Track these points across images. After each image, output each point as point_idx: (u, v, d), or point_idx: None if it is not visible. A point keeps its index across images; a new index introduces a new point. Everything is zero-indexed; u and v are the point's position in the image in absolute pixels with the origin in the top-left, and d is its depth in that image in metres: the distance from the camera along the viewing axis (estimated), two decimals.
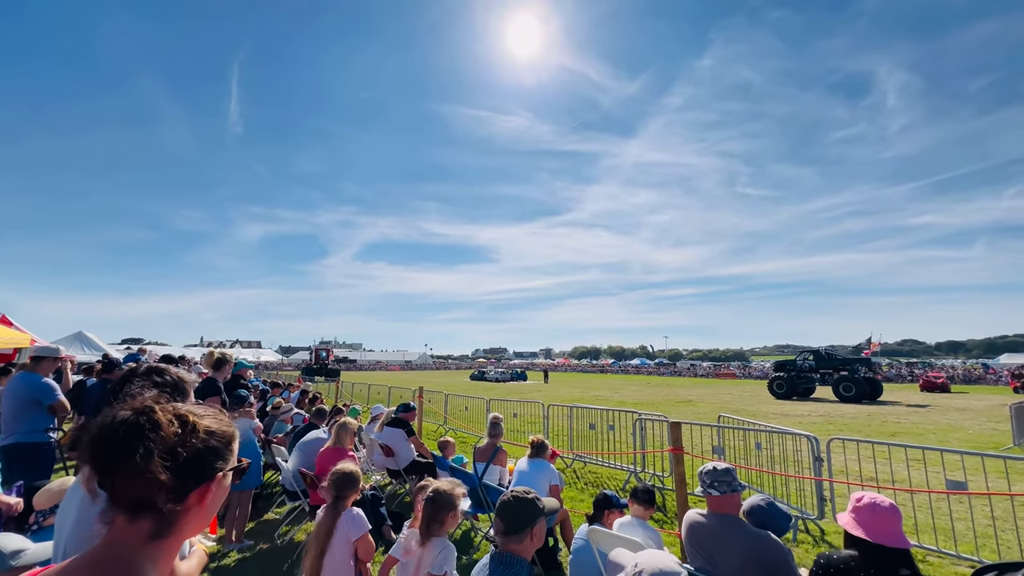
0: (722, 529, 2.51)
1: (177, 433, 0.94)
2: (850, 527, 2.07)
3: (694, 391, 31.89)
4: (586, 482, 7.78)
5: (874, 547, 1.99)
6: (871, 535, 2.00)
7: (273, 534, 5.10)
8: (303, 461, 4.99)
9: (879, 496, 2.12)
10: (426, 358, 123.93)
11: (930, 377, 35.13)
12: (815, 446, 5.62)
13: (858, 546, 2.04)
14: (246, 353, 79.83)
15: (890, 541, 1.97)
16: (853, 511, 2.13)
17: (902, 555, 1.97)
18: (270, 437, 6.84)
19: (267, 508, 5.96)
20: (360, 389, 20.60)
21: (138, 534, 0.89)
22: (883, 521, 2.03)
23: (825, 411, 19.34)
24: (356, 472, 2.75)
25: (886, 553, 1.97)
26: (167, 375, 1.57)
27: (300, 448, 5.16)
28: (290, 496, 5.20)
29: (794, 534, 5.34)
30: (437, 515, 2.56)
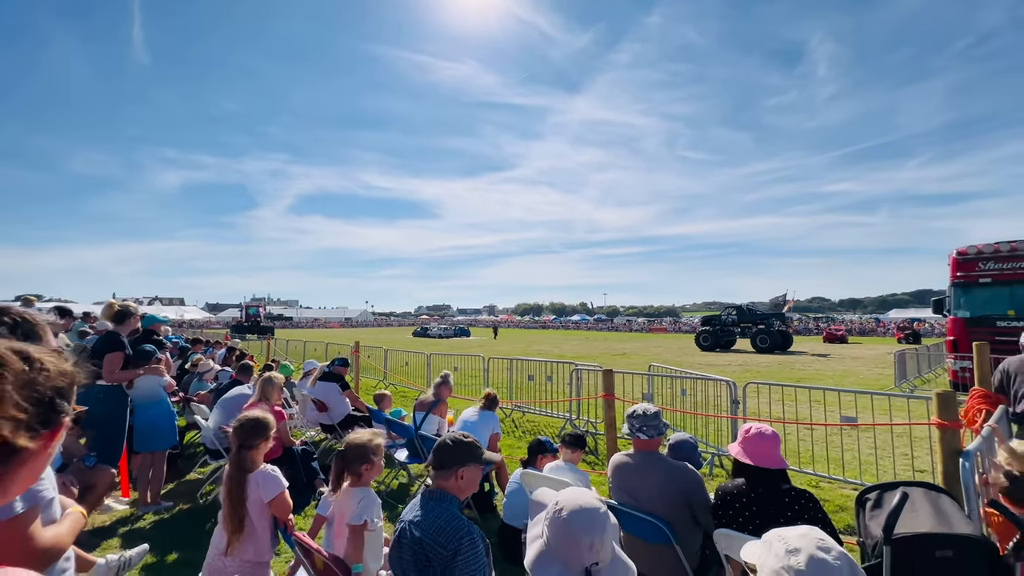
0: (644, 464, 2.64)
1: (24, 369, 0.84)
2: (739, 456, 2.37)
3: (629, 345, 33.67)
4: (524, 431, 8.03)
5: (759, 470, 2.30)
6: (755, 460, 2.30)
7: (196, 494, 4.84)
8: (225, 418, 4.69)
9: (763, 425, 2.43)
10: (367, 315, 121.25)
11: (832, 330, 39.61)
12: (733, 390, 6.08)
13: (745, 472, 2.36)
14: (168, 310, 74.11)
15: (771, 463, 2.30)
16: (742, 442, 2.42)
17: (781, 474, 2.34)
18: (189, 395, 6.39)
19: (189, 469, 5.63)
20: (295, 346, 19.80)
21: None
22: (766, 447, 2.34)
23: (743, 361, 21.14)
24: (262, 418, 2.58)
25: (769, 474, 2.30)
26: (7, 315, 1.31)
27: (221, 405, 4.84)
28: (212, 455, 4.93)
29: (711, 469, 5.84)
30: (352, 465, 2.49)
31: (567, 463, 3.54)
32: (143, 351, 4.43)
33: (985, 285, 11.48)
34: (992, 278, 11.39)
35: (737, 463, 2.40)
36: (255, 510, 2.43)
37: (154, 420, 4.53)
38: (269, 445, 2.62)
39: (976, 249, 11.63)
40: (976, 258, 11.61)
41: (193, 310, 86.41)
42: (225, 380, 6.82)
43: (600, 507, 1.43)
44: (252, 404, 4.39)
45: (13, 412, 0.79)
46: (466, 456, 2.00)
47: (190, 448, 6.44)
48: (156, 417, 4.55)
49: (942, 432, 2.67)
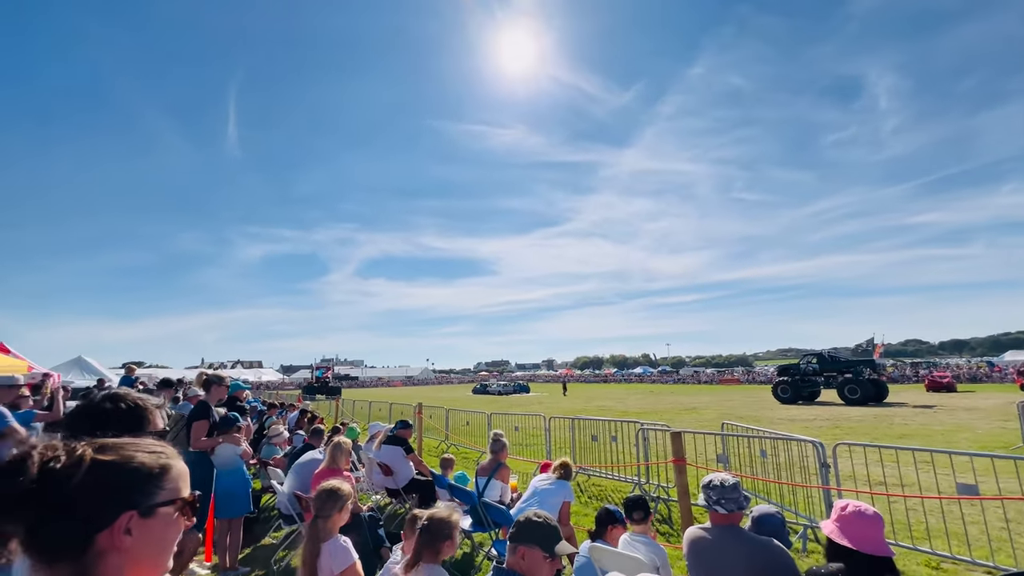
0: (723, 540, 2.43)
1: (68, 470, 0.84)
2: (835, 536, 2.09)
3: (698, 398, 31.64)
4: (590, 495, 7.64)
5: (858, 555, 2.01)
6: (856, 543, 2.02)
7: (270, 560, 4.98)
8: (298, 483, 4.89)
9: (862, 504, 2.14)
10: (428, 373, 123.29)
11: (935, 377, 34.90)
12: (821, 452, 5.52)
13: (843, 555, 2.06)
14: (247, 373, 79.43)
15: (875, 548, 2.00)
16: (837, 519, 2.14)
17: (886, 562, 2.01)
18: (265, 460, 6.72)
19: (264, 533, 5.83)
20: (361, 406, 20.42)
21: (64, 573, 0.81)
22: (867, 529, 2.04)
23: (831, 415, 19.14)
24: (339, 489, 2.66)
25: (870, 561, 1.99)
26: (123, 401, 1.50)
27: (295, 470, 5.05)
28: (286, 520, 5.09)
29: (804, 543, 5.21)
30: (432, 544, 2.47)
31: (641, 536, 3.31)
32: (227, 419, 4.78)
33: None
34: None
35: (833, 544, 2.12)
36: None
37: (231, 487, 4.74)
38: (345, 515, 2.69)
39: None
40: None
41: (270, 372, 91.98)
42: (299, 443, 7.15)
43: None
44: (323, 469, 4.56)
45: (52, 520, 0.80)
46: (528, 536, 1.95)
47: (266, 511, 6.69)
48: (233, 484, 4.77)
49: None
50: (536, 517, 2.01)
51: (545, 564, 1.94)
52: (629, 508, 3.36)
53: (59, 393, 6.00)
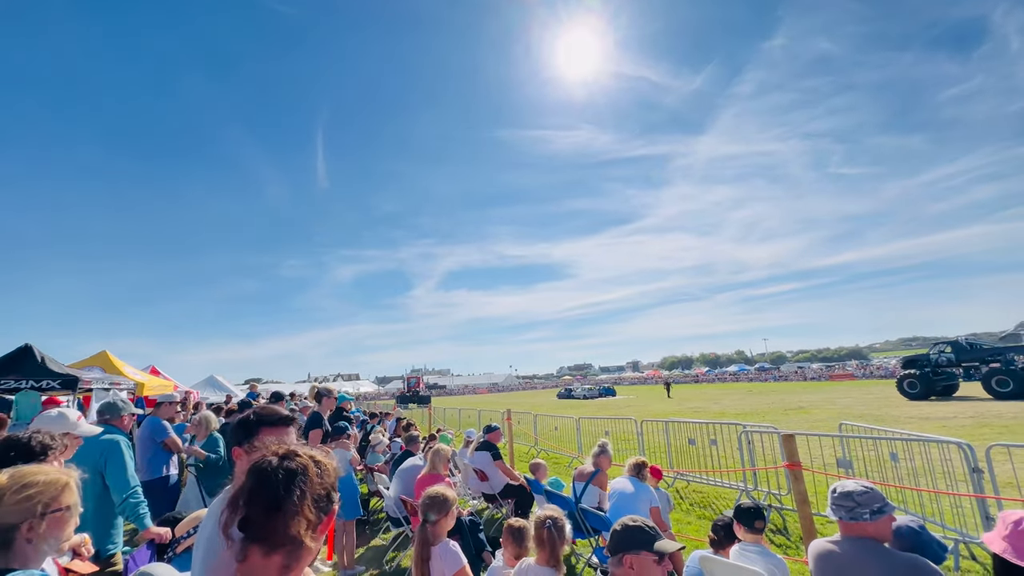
0: (858, 556, 2.16)
1: (318, 474, 1.07)
2: (1007, 555, 1.69)
3: (806, 397, 28.81)
4: (691, 502, 7.24)
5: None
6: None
7: (381, 560, 5.31)
8: (402, 488, 5.17)
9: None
10: (512, 379, 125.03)
11: None
12: (970, 454, 4.77)
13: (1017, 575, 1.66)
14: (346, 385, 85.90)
15: None
16: (1009, 536, 1.73)
17: None
18: (370, 466, 7.20)
19: (374, 534, 6.23)
20: (451, 414, 21.19)
21: (272, 568, 0.99)
22: None
23: (976, 411, 16.47)
24: (443, 495, 2.77)
25: None
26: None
27: (399, 475, 5.36)
28: (394, 523, 5.40)
29: (956, 560, 4.52)
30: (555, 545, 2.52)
31: (756, 545, 3.06)
32: (338, 428, 5.20)
33: None
34: None
35: (1003, 562, 1.79)
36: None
37: (343, 492, 5.17)
38: (452, 520, 2.80)
39: None
40: None
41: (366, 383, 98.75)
42: (397, 450, 7.58)
43: None
44: (424, 475, 4.78)
45: (308, 515, 1.01)
46: (631, 542, 1.87)
47: (374, 514, 7.15)
48: (344, 488, 5.19)
49: None
50: (632, 522, 1.94)
51: (656, 569, 1.86)
52: (744, 516, 3.08)
53: (202, 408, 6.91)
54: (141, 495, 3.25)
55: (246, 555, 0.99)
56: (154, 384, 10.48)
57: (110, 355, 9.55)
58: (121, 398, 3.87)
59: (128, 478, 3.24)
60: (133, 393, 8.78)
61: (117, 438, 3.34)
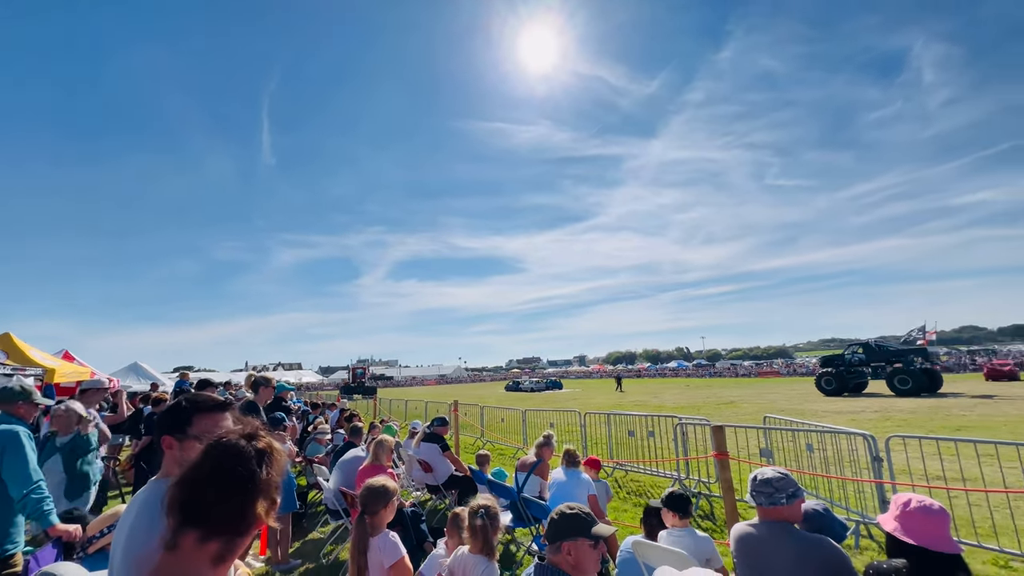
0: (773, 537, 2.36)
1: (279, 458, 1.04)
2: (897, 533, 1.97)
3: (736, 392, 30.77)
4: (628, 491, 7.57)
5: (924, 553, 1.89)
6: (921, 540, 1.90)
7: (318, 553, 5.17)
8: (343, 480, 5.05)
9: (927, 499, 2.00)
10: (461, 371, 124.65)
11: (996, 365, 32.72)
12: (872, 445, 5.28)
13: (906, 552, 1.94)
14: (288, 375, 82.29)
15: (941, 545, 1.88)
16: (899, 516, 2.01)
17: (955, 560, 1.87)
18: (309, 458, 6.97)
19: (312, 528, 6.05)
20: (397, 405, 20.87)
21: (204, 558, 0.93)
22: (933, 525, 1.92)
23: (881, 406, 18.27)
24: (384, 486, 2.73)
25: (938, 559, 1.87)
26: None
27: (339, 467, 5.23)
28: (333, 515, 5.27)
29: (856, 540, 5.01)
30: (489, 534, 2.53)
31: (682, 529, 3.25)
32: (274, 419, 4.99)
33: None
34: None
35: (894, 540, 2.00)
36: (375, 573, 2.56)
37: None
38: (392, 511, 2.77)
39: None
40: None
41: (309, 373, 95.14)
42: (340, 441, 7.38)
43: None
44: (367, 466, 4.70)
45: (275, 495, 0.99)
46: (570, 529, 1.92)
47: (312, 507, 6.94)
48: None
49: None
50: (569, 510, 1.98)
51: (592, 553, 1.93)
52: (673, 504, 3.26)
53: (122, 397, 6.39)
54: (45, 490, 2.97)
55: (177, 542, 0.92)
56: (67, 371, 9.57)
57: (14, 337, 8.60)
58: (23, 383, 3.46)
59: (30, 472, 2.94)
60: (41, 380, 7.97)
61: (15, 428, 3.02)
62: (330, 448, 7.24)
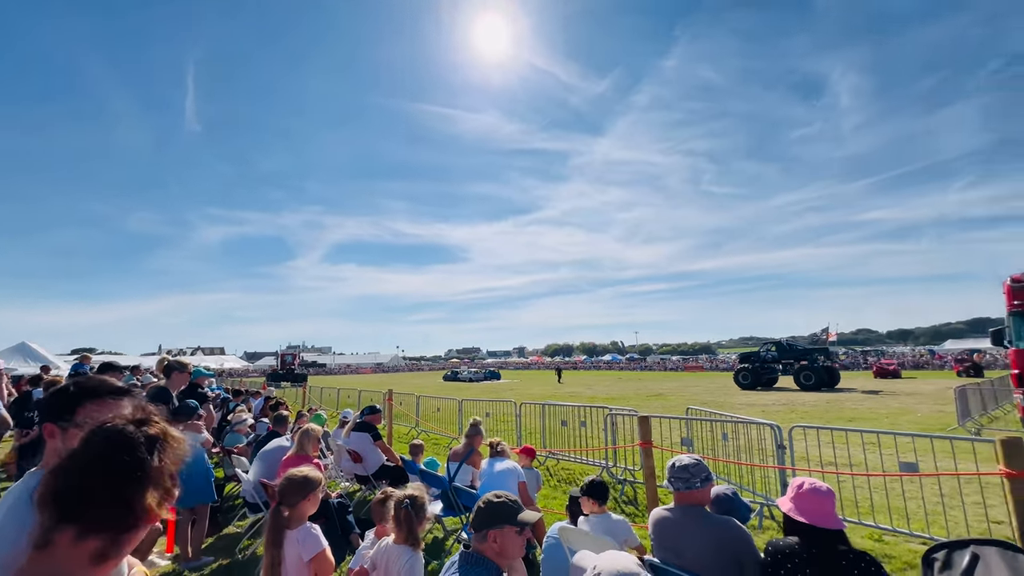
0: (686, 520, 2.53)
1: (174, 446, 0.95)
2: (791, 513, 2.22)
3: (664, 385, 32.58)
4: (559, 479, 7.80)
5: (814, 529, 2.15)
6: (811, 519, 2.15)
7: (234, 549, 4.88)
8: (264, 471, 4.79)
9: (817, 481, 2.27)
10: (398, 360, 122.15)
11: (883, 364, 37.20)
12: (778, 434, 5.79)
13: (799, 530, 2.20)
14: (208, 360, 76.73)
15: (828, 523, 2.14)
16: (794, 497, 2.27)
17: (839, 535, 2.16)
18: (228, 448, 6.55)
19: (228, 522, 5.69)
20: (329, 394, 20.10)
21: (82, 557, 0.83)
22: (821, 504, 2.19)
23: (787, 400, 20.08)
24: (306, 476, 2.61)
25: (824, 534, 2.14)
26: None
27: (261, 457, 4.95)
28: (251, 508, 4.99)
29: (760, 520, 5.48)
30: (412, 523, 2.48)
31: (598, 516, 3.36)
32: (186, 407, 4.61)
33: None
34: None
35: (789, 519, 2.26)
36: (294, 569, 2.45)
37: (190, 477, 4.51)
38: (314, 503, 2.65)
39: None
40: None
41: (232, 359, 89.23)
42: (263, 430, 6.99)
43: (639, 572, 1.40)
44: (290, 456, 4.48)
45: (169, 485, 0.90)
46: (497, 517, 1.93)
47: (229, 501, 6.54)
48: (192, 474, 4.52)
49: (1012, 483, 2.47)
50: (496, 498, 2.00)
51: (518, 539, 1.95)
52: (589, 492, 3.35)
53: (1, 380, 5.65)
54: None
55: (50, 539, 0.81)
56: None
57: None
58: None
59: None
60: None
61: None
62: (252, 438, 6.83)
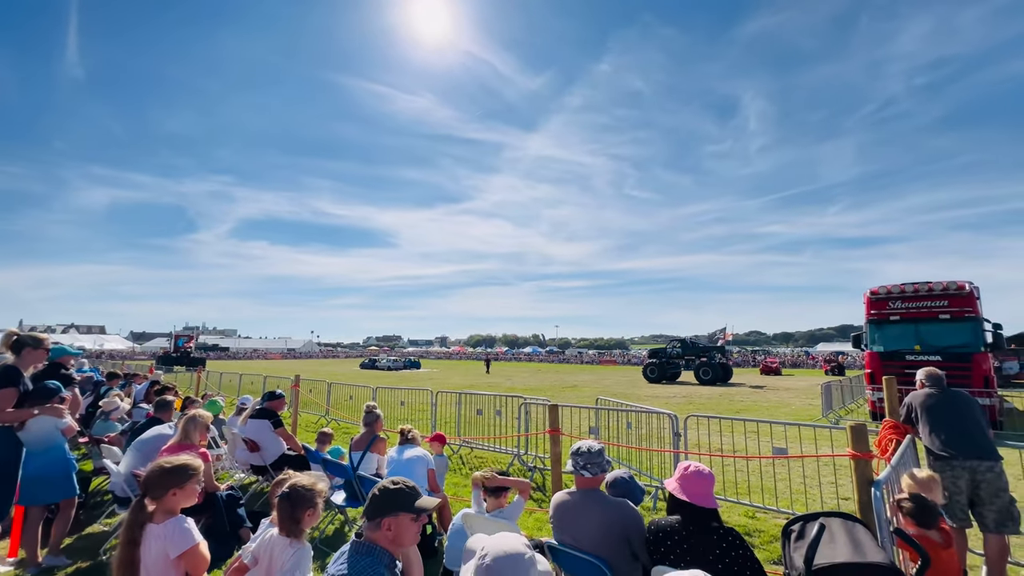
0: (584, 502, 2.64)
1: None
2: (676, 492, 2.42)
3: (579, 377, 34.06)
4: (471, 467, 7.83)
5: (692, 508, 2.34)
6: (691, 498, 2.35)
7: (99, 550, 4.32)
8: (139, 461, 4.26)
9: (700, 464, 2.49)
10: (312, 346, 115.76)
11: (767, 363, 42.01)
12: (675, 423, 6.26)
13: (680, 508, 2.40)
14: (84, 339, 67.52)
15: (704, 502, 2.35)
16: (680, 478, 2.46)
17: (713, 513, 2.37)
18: (97, 437, 5.78)
19: (94, 520, 5.04)
20: (230, 379, 18.54)
21: None
22: (702, 485, 2.39)
23: (687, 393, 21.87)
24: (180, 465, 2.35)
25: (701, 512, 2.33)
26: None
27: (136, 447, 4.40)
28: (121, 504, 4.44)
29: (654, 503, 5.90)
30: (293, 513, 2.31)
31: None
32: (45, 388, 3.99)
33: (895, 322, 12.68)
34: (900, 316, 12.61)
35: (673, 499, 2.44)
36: (159, 567, 2.20)
37: (44, 469, 3.95)
38: (188, 494, 2.39)
39: (886, 289, 12.88)
40: (887, 297, 12.84)
41: (115, 339, 79.25)
42: (141, 418, 6.24)
43: (525, 552, 1.41)
44: (172, 445, 4.05)
45: None
46: (392, 504, 1.88)
47: (97, 496, 5.79)
48: (47, 465, 3.97)
49: (855, 463, 2.86)
50: (392, 484, 1.94)
51: (413, 526, 1.91)
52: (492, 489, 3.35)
53: None
54: None
55: None
56: None
57: None
58: None
59: None
60: None
61: None
62: (128, 426, 6.08)
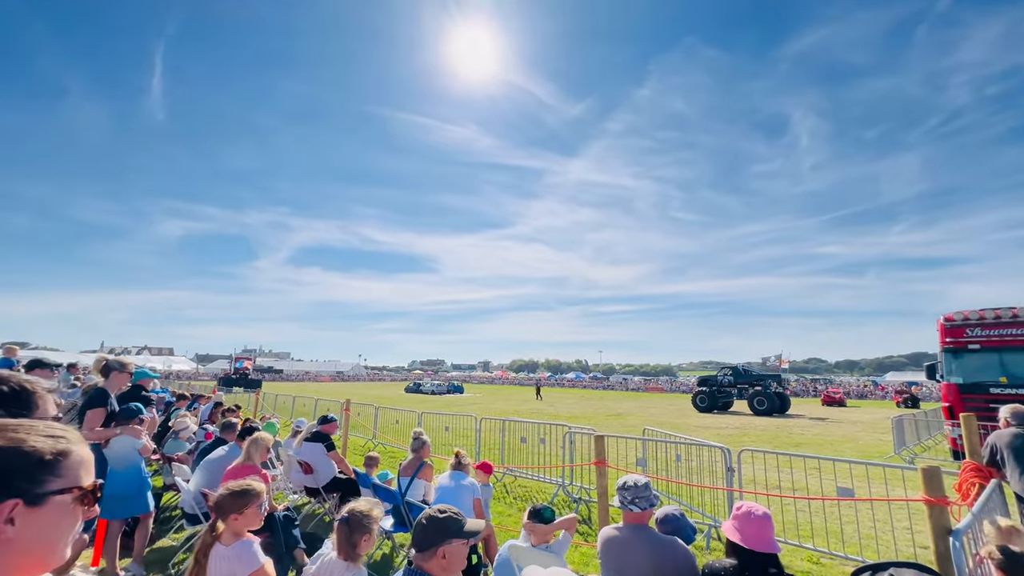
0: (633, 538, 2.59)
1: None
2: (731, 535, 2.29)
3: (625, 405, 33.04)
4: (515, 496, 7.76)
5: (749, 552, 2.21)
6: (746, 541, 2.22)
7: (168, 563, 4.61)
8: (207, 481, 4.56)
9: (755, 505, 2.36)
10: (359, 369, 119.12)
11: (830, 393, 38.98)
12: (728, 457, 5.98)
13: (737, 552, 2.26)
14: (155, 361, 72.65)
15: (762, 546, 2.20)
16: (734, 519, 2.35)
17: (772, 558, 2.21)
18: (168, 455, 6.20)
19: (163, 534, 5.38)
20: (284, 401, 19.37)
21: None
22: (756, 527, 2.26)
23: (740, 424, 20.72)
24: (246, 488, 2.51)
25: (759, 557, 2.19)
26: (6, 384, 1.37)
27: (204, 466, 4.72)
28: (190, 520, 4.73)
29: (707, 541, 5.61)
30: (350, 537, 2.41)
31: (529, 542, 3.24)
32: (127, 409, 4.36)
33: (975, 351, 11.58)
34: (981, 344, 11.52)
35: (729, 541, 2.34)
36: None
37: (123, 486, 4.23)
38: (253, 516, 2.54)
39: (963, 316, 11.84)
40: (964, 324, 11.80)
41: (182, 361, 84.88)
42: (203, 438, 6.65)
43: None
44: (237, 466, 4.30)
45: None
46: (445, 532, 1.91)
47: (167, 511, 6.18)
48: (126, 482, 4.26)
49: (930, 509, 2.65)
50: (440, 513, 1.97)
51: (464, 550, 1.94)
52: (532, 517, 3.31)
53: None
54: None
55: None
56: None
57: None
58: None
59: None
60: None
61: None
62: (195, 445, 6.50)
